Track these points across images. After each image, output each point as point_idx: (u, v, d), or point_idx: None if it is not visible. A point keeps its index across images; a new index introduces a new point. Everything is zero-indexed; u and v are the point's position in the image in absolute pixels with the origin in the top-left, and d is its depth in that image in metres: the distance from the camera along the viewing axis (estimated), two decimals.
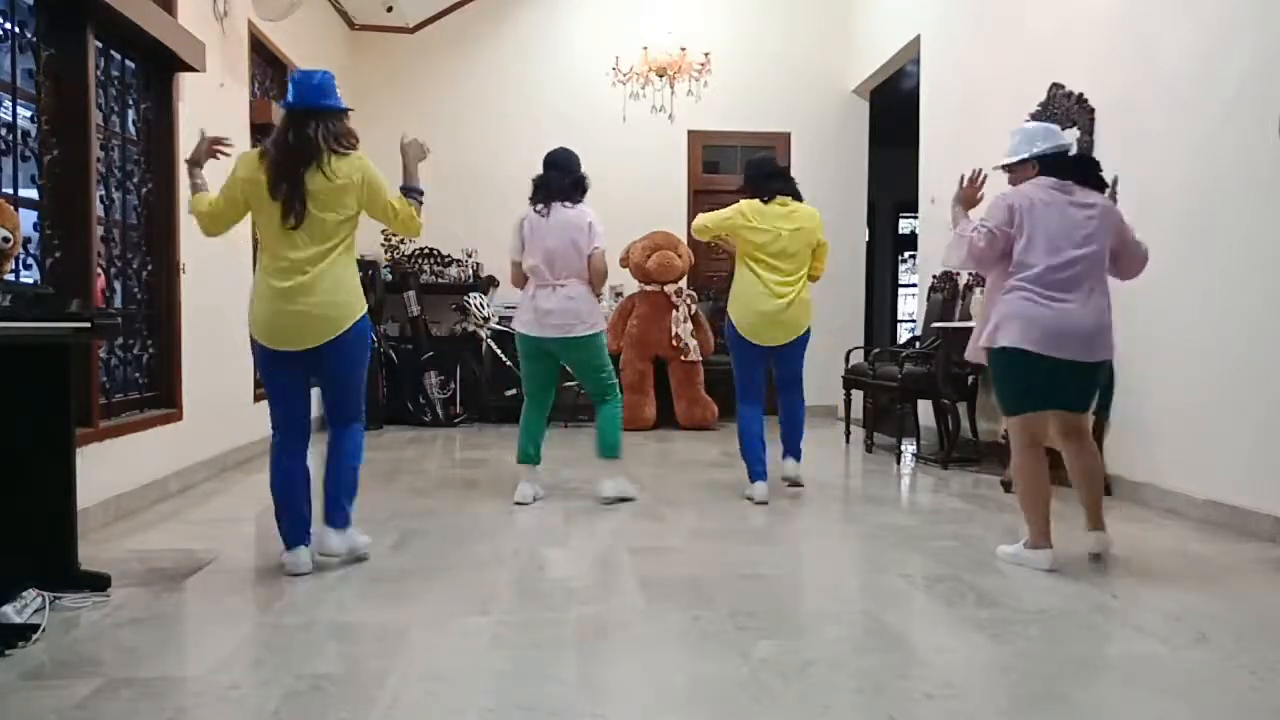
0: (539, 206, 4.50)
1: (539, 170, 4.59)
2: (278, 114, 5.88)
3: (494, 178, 8.20)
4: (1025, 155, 3.51)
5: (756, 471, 4.61)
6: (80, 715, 2.06)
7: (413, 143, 3.49)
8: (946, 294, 6.30)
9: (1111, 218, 3.40)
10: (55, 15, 3.80)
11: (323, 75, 3.25)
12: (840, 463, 6.08)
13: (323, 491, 3.31)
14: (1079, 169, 3.46)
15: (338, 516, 3.30)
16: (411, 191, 3.41)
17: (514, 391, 7.69)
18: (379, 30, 8.27)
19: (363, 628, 2.67)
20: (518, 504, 4.46)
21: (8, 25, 3.59)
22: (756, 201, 4.66)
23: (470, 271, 8.23)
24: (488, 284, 8.11)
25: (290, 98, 3.22)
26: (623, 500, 4.54)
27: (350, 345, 3.23)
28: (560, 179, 4.51)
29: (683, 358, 7.58)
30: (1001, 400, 3.51)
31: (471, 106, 8.39)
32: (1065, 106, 5.08)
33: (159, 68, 4.64)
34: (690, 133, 8.54)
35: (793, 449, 4.85)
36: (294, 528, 3.24)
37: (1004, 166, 3.61)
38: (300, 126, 3.17)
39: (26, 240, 3.44)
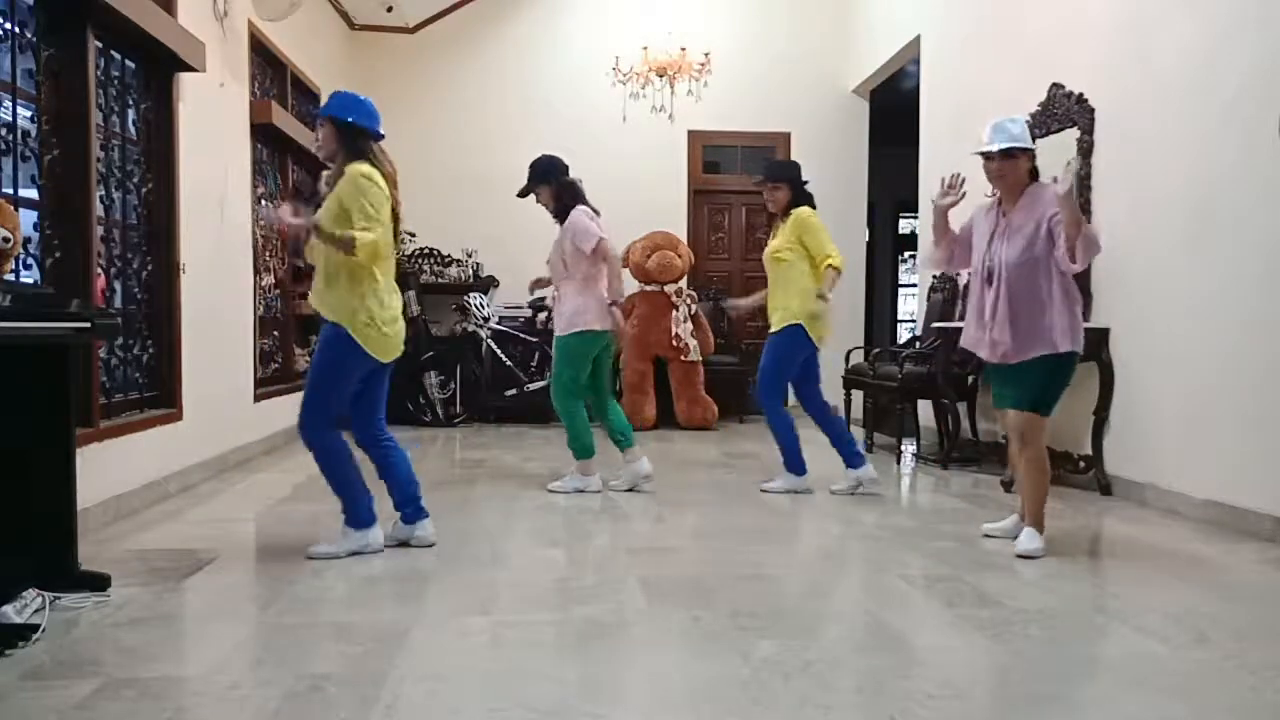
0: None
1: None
2: (280, 114, 6.00)
3: (494, 178, 8.15)
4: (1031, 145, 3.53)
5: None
6: (80, 715, 2.06)
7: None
8: (946, 294, 6.29)
9: None
10: (55, 15, 3.80)
11: None
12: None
13: (397, 489, 3.57)
14: None
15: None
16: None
17: (514, 392, 7.72)
18: (379, 30, 8.27)
19: (363, 628, 2.67)
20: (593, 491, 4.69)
21: (8, 25, 3.59)
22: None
23: (470, 271, 8.23)
24: (488, 284, 8.10)
25: (374, 124, 3.35)
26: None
27: None
28: None
29: (683, 358, 7.58)
30: (1054, 401, 3.53)
31: (471, 106, 8.39)
32: (1065, 106, 5.08)
33: (159, 68, 4.63)
34: (690, 133, 8.54)
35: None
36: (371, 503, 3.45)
37: (1021, 149, 3.47)
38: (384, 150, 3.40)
39: (26, 240, 3.44)
